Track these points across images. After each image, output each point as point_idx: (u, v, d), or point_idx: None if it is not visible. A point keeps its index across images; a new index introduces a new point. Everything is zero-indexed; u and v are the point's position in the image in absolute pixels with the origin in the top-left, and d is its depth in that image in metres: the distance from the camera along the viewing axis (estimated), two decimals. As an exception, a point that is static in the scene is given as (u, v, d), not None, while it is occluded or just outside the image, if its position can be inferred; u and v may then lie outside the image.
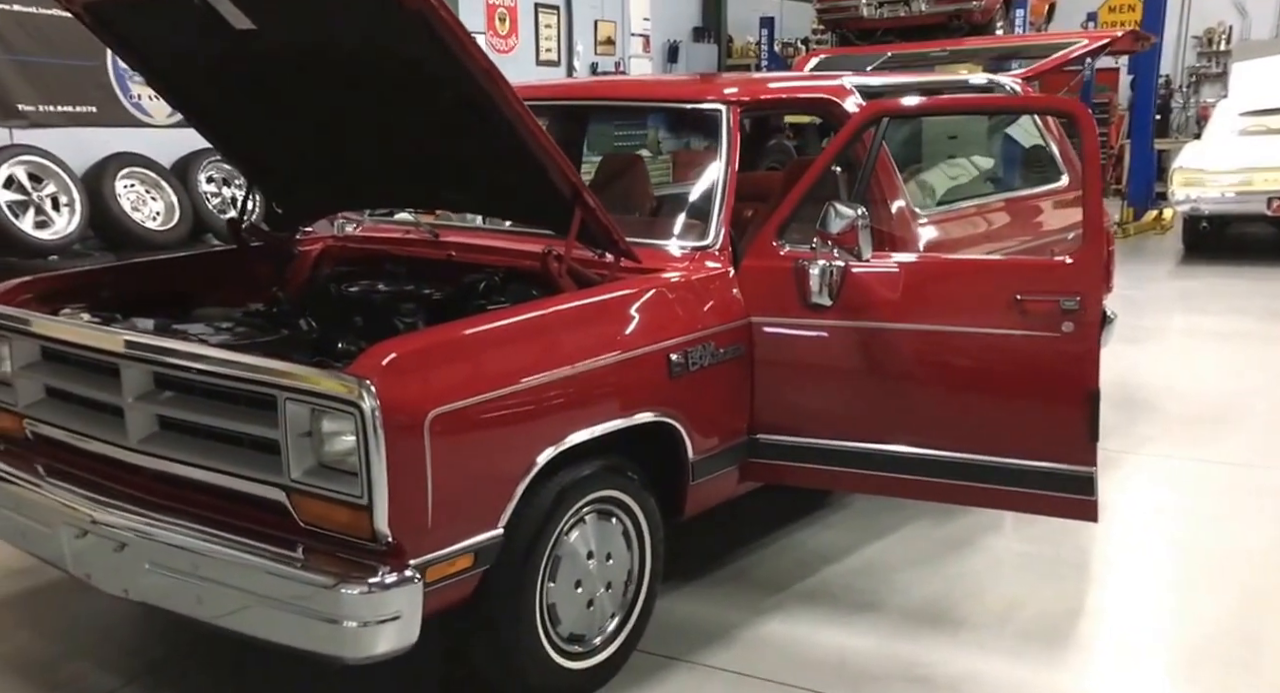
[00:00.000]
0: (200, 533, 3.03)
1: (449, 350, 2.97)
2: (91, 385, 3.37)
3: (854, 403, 3.66)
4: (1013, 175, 5.61)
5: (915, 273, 3.67)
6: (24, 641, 3.90)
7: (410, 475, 2.80)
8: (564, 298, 3.35)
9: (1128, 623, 4.01)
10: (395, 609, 2.80)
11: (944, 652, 3.76)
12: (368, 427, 2.71)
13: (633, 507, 3.48)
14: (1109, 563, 4.51)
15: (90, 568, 3.25)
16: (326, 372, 2.82)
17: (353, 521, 2.83)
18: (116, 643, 3.88)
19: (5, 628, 3.99)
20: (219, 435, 3.11)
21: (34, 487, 3.43)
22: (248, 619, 2.94)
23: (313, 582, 2.82)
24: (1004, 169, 5.71)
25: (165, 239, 8.91)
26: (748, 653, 3.73)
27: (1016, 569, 4.44)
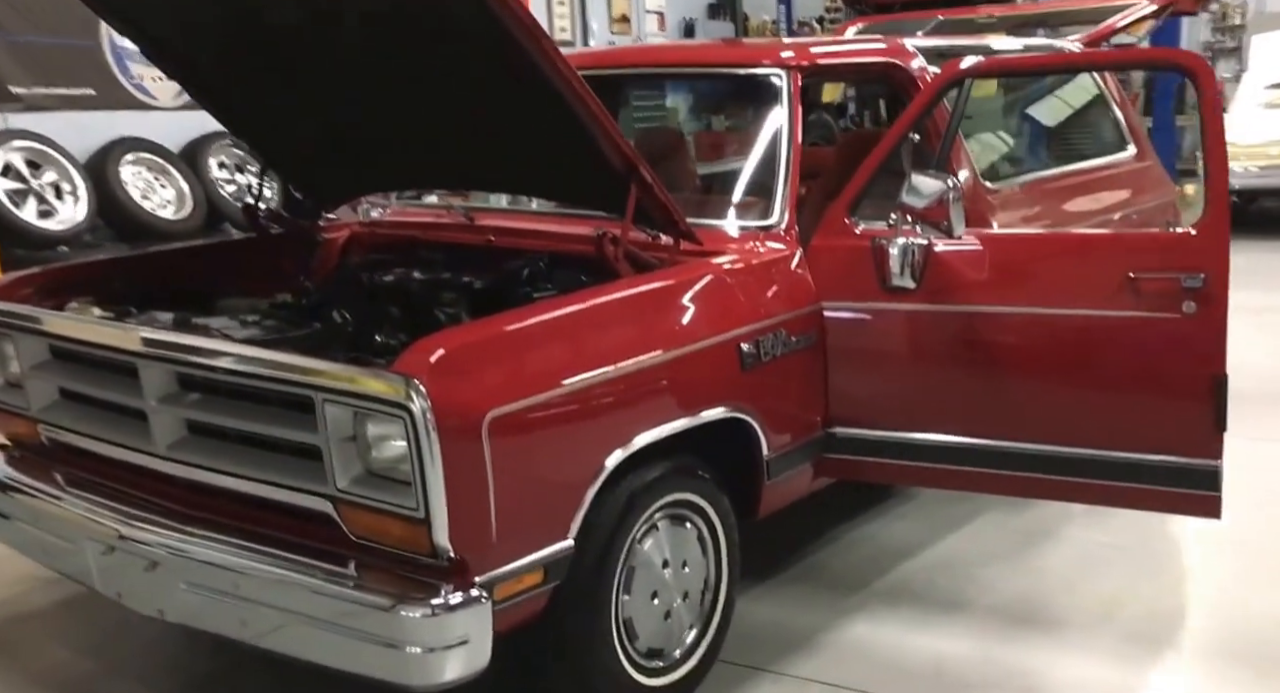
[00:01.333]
0: (241, 549, 2.76)
1: (505, 344, 2.68)
2: (109, 387, 3.09)
3: (943, 394, 3.35)
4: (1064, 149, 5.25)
5: (1009, 250, 3.34)
6: (58, 657, 3.63)
7: (470, 484, 2.51)
8: (624, 284, 3.05)
9: (1239, 623, 3.69)
10: (462, 633, 2.51)
11: (1045, 657, 3.48)
12: (419, 431, 2.42)
13: (707, 510, 3.19)
14: (1204, 556, 4.21)
15: (120, 587, 2.97)
16: (368, 370, 2.53)
17: (409, 534, 2.54)
18: (158, 658, 3.62)
19: (36, 643, 3.72)
20: (254, 440, 2.81)
21: (53, 499, 3.16)
22: (300, 643, 2.67)
23: (369, 603, 2.54)
24: (1047, 144, 5.35)
25: (179, 229, 8.60)
26: (835, 661, 3.45)
27: (1105, 563, 4.14)
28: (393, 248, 3.99)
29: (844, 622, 3.69)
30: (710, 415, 3.07)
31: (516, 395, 2.58)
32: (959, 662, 3.44)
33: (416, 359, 2.50)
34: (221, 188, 9.19)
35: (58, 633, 3.78)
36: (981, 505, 4.57)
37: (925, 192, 3.10)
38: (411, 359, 2.50)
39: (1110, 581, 3.99)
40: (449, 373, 2.50)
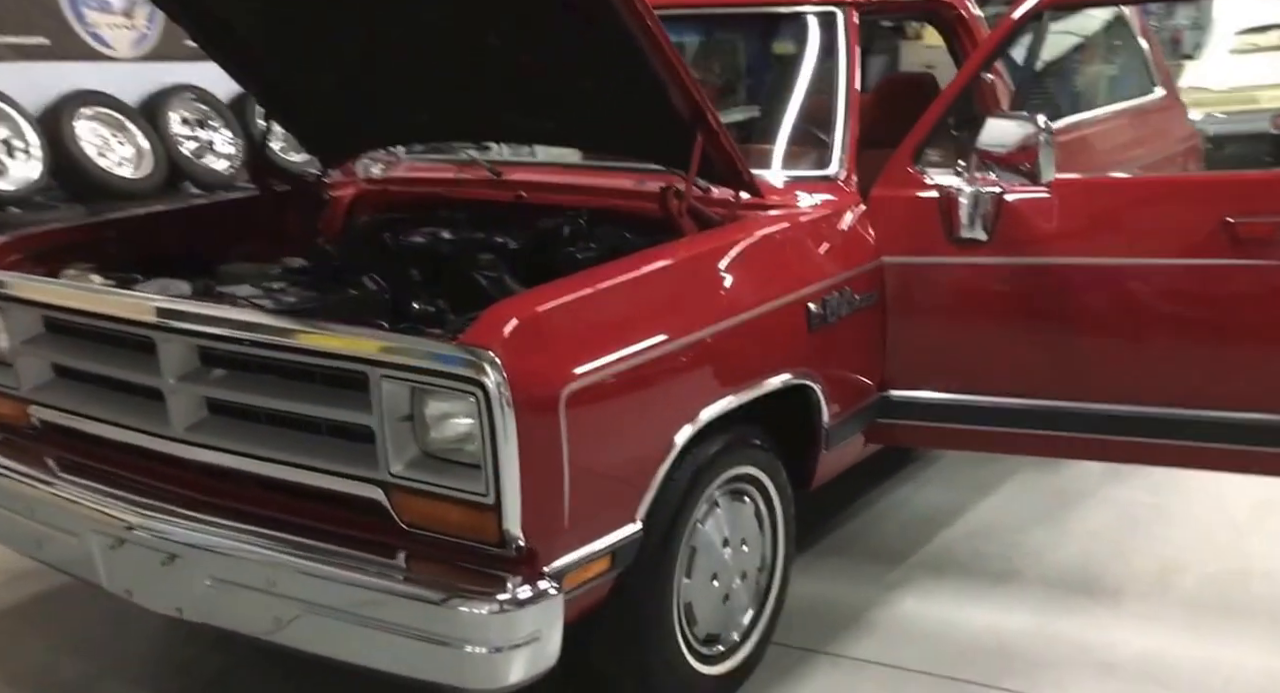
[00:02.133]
0: (276, 542, 2.48)
1: (577, 312, 2.42)
2: (115, 364, 2.79)
3: (1013, 354, 3.13)
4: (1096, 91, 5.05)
5: (1090, 197, 3.12)
6: (43, 658, 3.33)
7: (545, 466, 2.27)
8: (692, 243, 2.80)
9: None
10: (532, 630, 2.27)
11: (1113, 630, 3.31)
12: (493, 408, 2.17)
13: (765, 484, 2.96)
14: (1252, 515, 4.05)
15: (131, 584, 2.69)
16: (436, 342, 2.26)
17: (473, 522, 2.29)
18: (156, 656, 3.35)
19: (22, 642, 3.43)
20: (287, 420, 2.54)
21: (47, 486, 2.86)
22: (346, 645, 2.41)
23: (428, 599, 2.29)
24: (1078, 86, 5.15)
25: (138, 188, 8.20)
26: (892, 641, 3.25)
27: (1151, 525, 3.99)
28: (409, 206, 3.69)
29: (892, 597, 3.50)
30: (776, 383, 2.84)
31: (592, 368, 2.33)
32: (1022, 638, 3.26)
33: (489, 330, 2.24)
34: (183, 145, 8.76)
35: (40, 631, 3.48)
36: (1009, 468, 4.41)
37: (1010, 135, 2.86)
38: (483, 330, 2.24)
39: (1160, 544, 3.84)
40: (523, 345, 2.24)
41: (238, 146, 9.01)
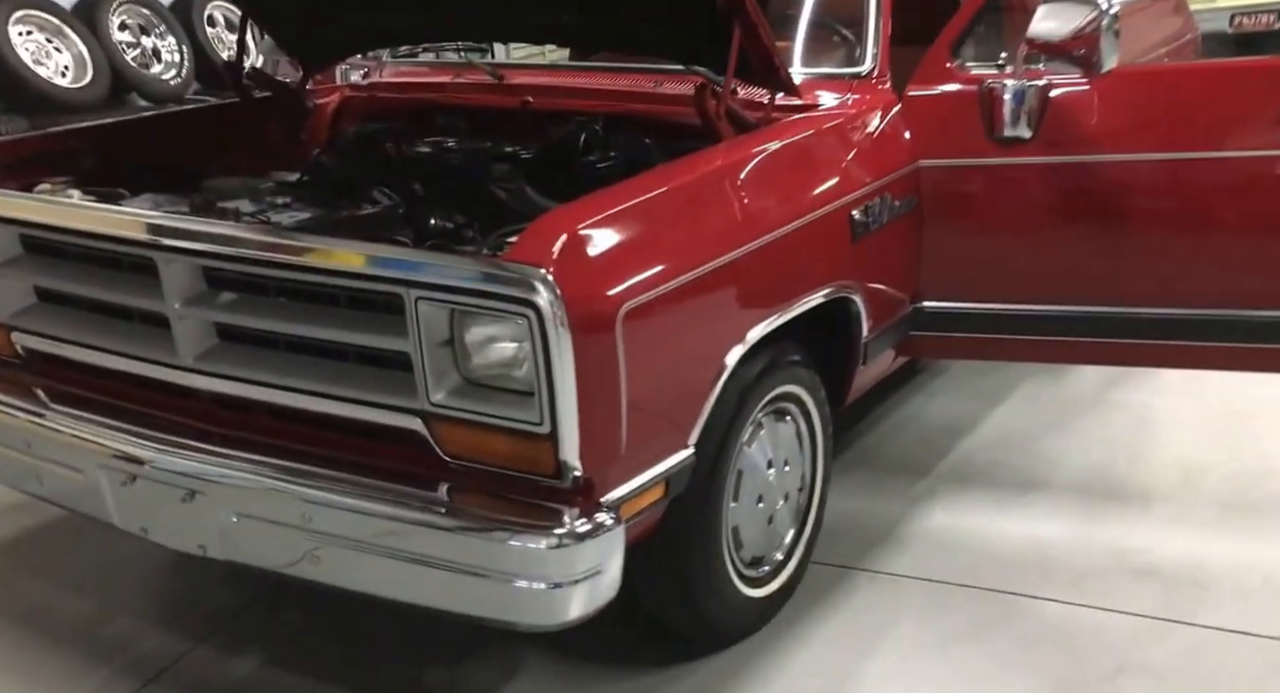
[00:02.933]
0: (309, 476, 2.32)
1: (625, 225, 2.25)
2: (111, 288, 2.58)
3: (1058, 258, 3.01)
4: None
5: (1144, 88, 2.95)
6: (42, 596, 3.17)
7: (603, 391, 2.12)
8: (733, 149, 2.62)
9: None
10: (594, 563, 2.14)
11: (1147, 534, 3.26)
12: (547, 331, 2.01)
13: (806, 402, 2.84)
14: (1266, 413, 3.99)
15: (146, 522, 2.53)
16: (484, 261, 2.09)
17: (525, 452, 2.14)
18: (167, 594, 3.18)
19: (17, 581, 3.26)
20: (309, 347, 2.36)
21: (43, 419, 2.66)
22: (391, 582, 2.27)
23: (484, 535, 2.15)
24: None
25: (80, 99, 7.78)
26: (927, 555, 3.18)
27: (1165, 427, 3.95)
28: (400, 115, 3.47)
29: (920, 511, 3.42)
30: (820, 297, 2.70)
31: (647, 284, 2.18)
32: (1057, 547, 3.20)
33: (538, 246, 2.06)
34: (125, 52, 8.33)
35: (35, 568, 3.32)
36: (1015, 376, 4.34)
37: (1067, 20, 2.69)
38: (532, 247, 2.07)
39: (1177, 446, 3.80)
40: (575, 261, 2.08)
41: (184, 54, 8.60)
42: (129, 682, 2.78)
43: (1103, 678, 2.66)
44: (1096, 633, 2.82)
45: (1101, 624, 2.85)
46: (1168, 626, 2.84)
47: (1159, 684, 2.63)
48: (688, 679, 2.68)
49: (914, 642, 2.80)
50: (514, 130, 3.19)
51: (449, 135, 3.29)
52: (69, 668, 2.84)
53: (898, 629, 2.84)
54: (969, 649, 2.76)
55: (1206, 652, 2.74)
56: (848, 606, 2.94)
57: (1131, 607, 2.91)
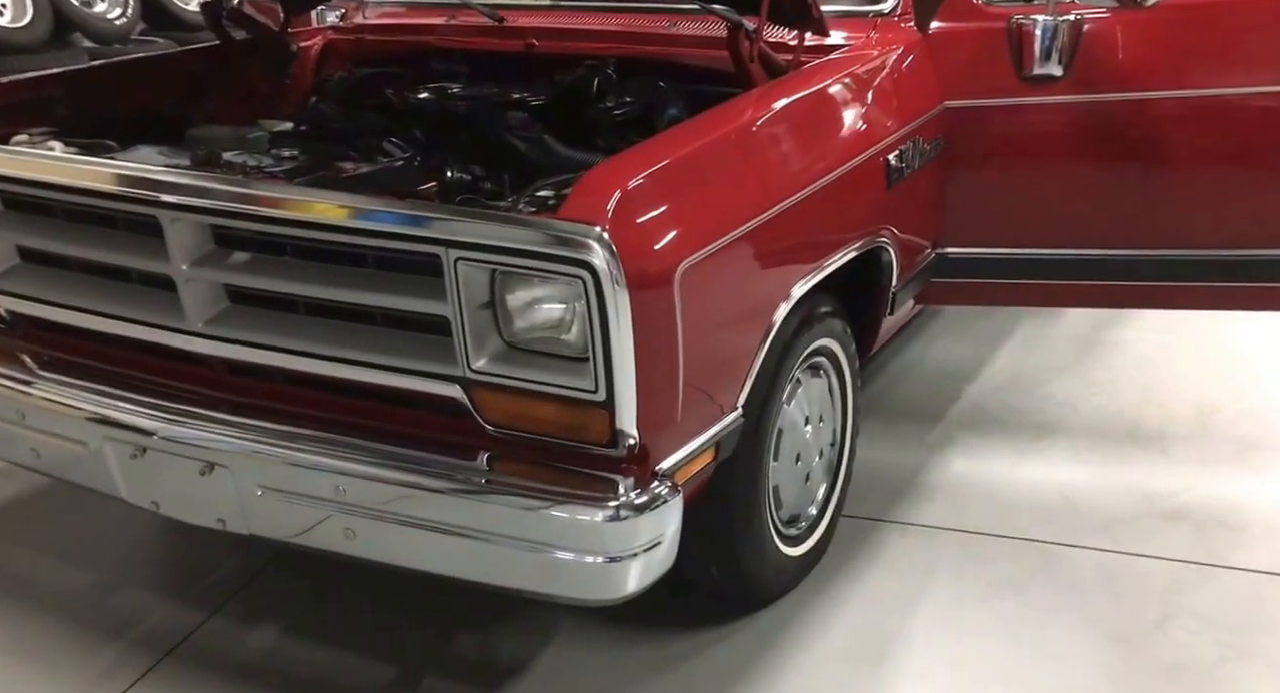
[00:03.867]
0: (342, 446, 2.20)
1: (674, 179, 2.11)
2: (104, 248, 2.42)
3: (1095, 200, 2.92)
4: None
5: (1184, 20, 2.82)
6: (39, 569, 3.04)
7: (660, 355, 2.01)
8: (769, 95, 2.49)
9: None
10: (653, 534, 2.05)
11: (1171, 476, 3.24)
12: (605, 292, 1.89)
13: (839, 355, 2.75)
14: (1265, 350, 3.99)
15: (159, 496, 2.40)
16: (535, 221, 1.95)
17: (576, 419, 2.04)
18: (168, 563, 3.07)
19: (5, 554, 3.11)
20: (330, 310, 2.22)
21: (38, 389, 2.51)
22: (435, 557, 2.17)
23: (534, 507, 2.04)
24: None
25: (20, 39, 7.43)
26: (954, 505, 3.13)
27: (1168, 366, 3.93)
28: (389, 59, 3.29)
29: (940, 459, 3.36)
30: (857, 248, 2.60)
31: (701, 241, 2.07)
32: (1083, 492, 3.17)
33: (590, 204, 1.93)
34: (66, -10, 7.95)
35: (20, 538, 3.17)
36: (1012, 319, 4.31)
37: None
38: (584, 204, 1.94)
39: (1185, 385, 3.78)
40: (630, 219, 1.95)
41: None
42: (143, 657, 2.66)
43: (1153, 625, 2.63)
44: (1138, 579, 2.79)
45: (1141, 570, 2.82)
46: (1207, 569, 2.82)
47: (1210, 629, 2.60)
48: (725, 644, 2.61)
49: (955, 595, 2.75)
50: (518, 76, 3.04)
51: (447, 81, 3.12)
52: (75, 645, 2.72)
53: (937, 583, 2.79)
54: (1012, 601, 2.72)
55: (1251, 594, 2.72)
56: (882, 560, 2.88)
57: (1167, 552, 2.88)
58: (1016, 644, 2.59)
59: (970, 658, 2.54)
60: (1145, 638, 2.59)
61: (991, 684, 2.46)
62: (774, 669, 2.52)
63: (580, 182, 1.99)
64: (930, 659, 2.55)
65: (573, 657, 2.60)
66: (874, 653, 2.57)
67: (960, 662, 2.53)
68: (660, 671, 2.54)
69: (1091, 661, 2.53)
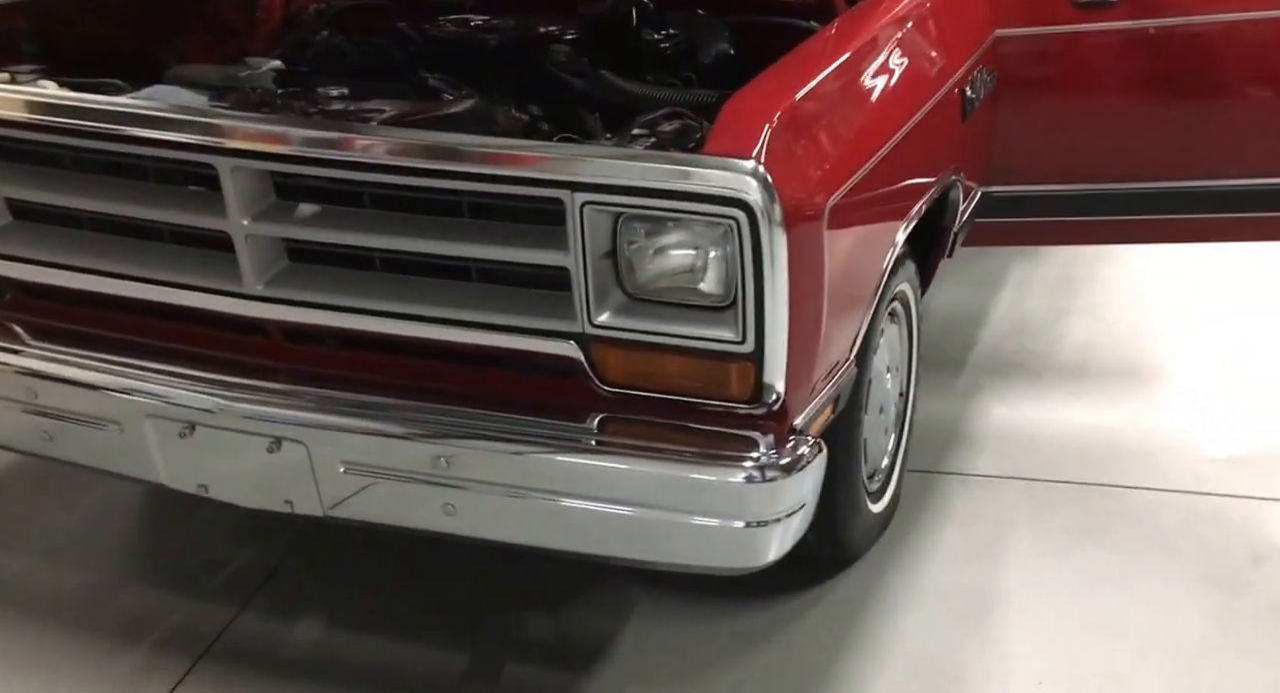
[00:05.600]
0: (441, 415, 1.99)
1: (814, 110, 1.95)
2: (135, 202, 2.14)
3: (1151, 131, 2.83)
4: None
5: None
6: (30, 569, 2.76)
7: (809, 301, 1.86)
8: (861, 23, 2.33)
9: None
10: (799, 497, 1.89)
11: (1204, 419, 3.19)
12: (762, 234, 1.72)
13: (910, 300, 2.63)
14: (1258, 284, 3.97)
15: (210, 478, 2.15)
16: (684, 158, 1.76)
17: (711, 375, 1.88)
18: (171, 555, 2.81)
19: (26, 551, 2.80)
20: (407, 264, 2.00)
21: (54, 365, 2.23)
22: (550, 530, 1.98)
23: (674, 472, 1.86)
24: None
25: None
26: (1008, 453, 3.04)
27: (1167, 304, 3.89)
28: None
29: (977, 407, 3.29)
30: (940, 186, 2.47)
31: (842, 177, 1.92)
32: (1129, 435, 3.11)
33: (741, 138, 1.75)
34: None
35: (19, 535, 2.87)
36: (1003, 259, 4.24)
37: None
38: (733, 138, 1.75)
39: (1187, 324, 3.73)
40: (782, 152, 1.78)
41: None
42: (176, 660, 2.42)
43: (1246, 566, 2.58)
44: (1213, 520, 2.74)
45: (1213, 509, 2.78)
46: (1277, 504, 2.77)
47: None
48: (816, 611, 2.49)
49: (1035, 547, 2.66)
50: (528, 6, 2.81)
51: (449, 11, 2.87)
52: (94, 651, 2.46)
53: (1013, 535, 2.71)
54: (1093, 551, 2.65)
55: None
56: (953, 513, 2.79)
57: (1232, 489, 2.84)
58: (1111, 595, 2.52)
59: (1070, 611, 2.46)
60: (1241, 579, 2.54)
61: (1104, 637, 2.38)
62: (875, 634, 2.41)
63: (722, 114, 1.81)
64: (1030, 615, 2.46)
65: (657, 634, 2.44)
66: (972, 611, 2.47)
67: (1064, 615, 2.44)
68: (755, 642, 2.41)
69: (1192, 607, 2.47)
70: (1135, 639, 2.38)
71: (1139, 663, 2.31)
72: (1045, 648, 2.36)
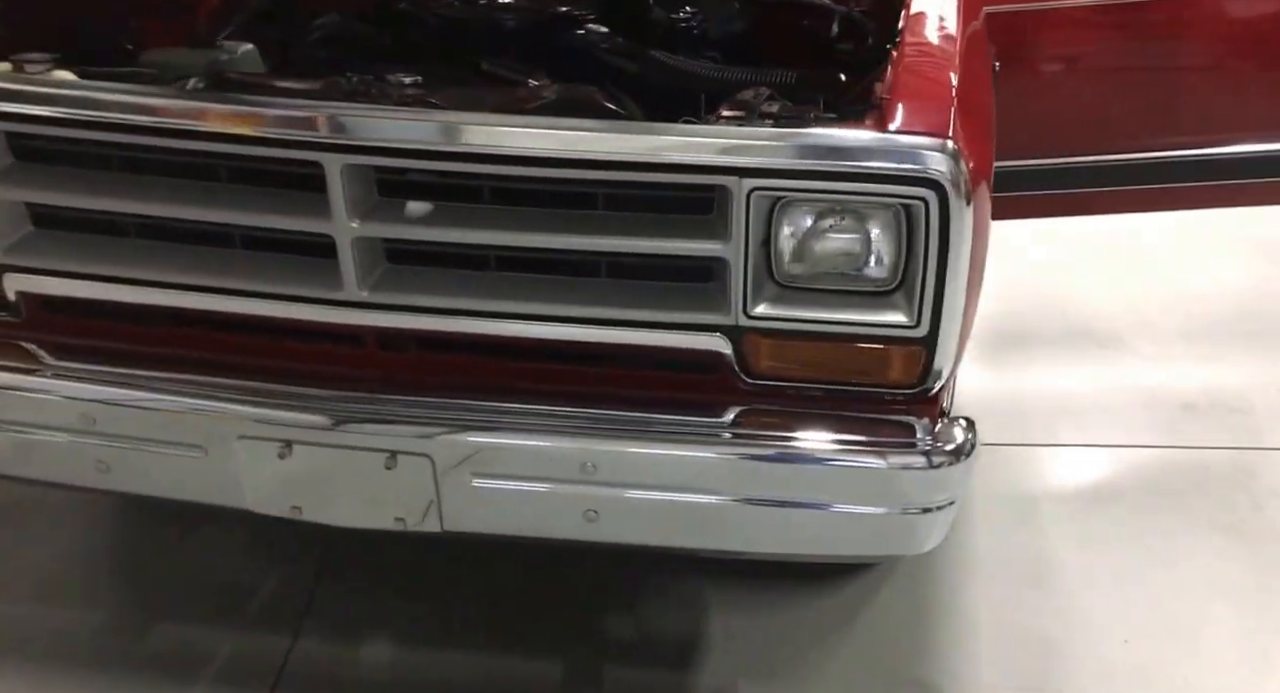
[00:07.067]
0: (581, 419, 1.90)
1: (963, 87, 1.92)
2: (207, 204, 1.96)
3: (1152, 99, 2.90)
4: None
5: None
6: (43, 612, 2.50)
7: (975, 281, 1.86)
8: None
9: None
10: (963, 481, 1.89)
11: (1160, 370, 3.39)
12: (951, 212, 1.69)
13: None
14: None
15: (306, 499, 1.99)
16: (877, 136, 1.72)
17: (876, 361, 1.85)
18: (189, 584, 2.60)
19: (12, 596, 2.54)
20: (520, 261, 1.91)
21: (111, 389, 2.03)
22: (705, 531, 1.91)
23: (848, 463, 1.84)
24: None
25: None
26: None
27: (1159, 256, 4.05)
28: None
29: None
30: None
31: (989, 153, 1.92)
32: (1099, 394, 3.26)
33: (930, 116, 1.73)
34: None
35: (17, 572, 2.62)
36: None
37: None
38: (919, 114, 1.73)
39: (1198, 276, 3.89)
40: (962, 128, 1.76)
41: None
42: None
43: (1251, 512, 2.75)
44: (1207, 471, 2.92)
45: (1203, 462, 2.96)
46: (1260, 453, 2.98)
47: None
48: (888, 587, 2.53)
49: (1060, 510, 2.80)
50: None
51: None
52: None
53: (1036, 498, 2.82)
54: (1115, 508, 2.79)
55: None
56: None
57: (1212, 441, 3.03)
58: (1145, 549, 2.64)
59: (1121, 567, 2.57)
60: (1252, 525, 2.70)
61: (1160, 590, 2.49)
62: (953, 605, 2.47)
63: (898, 88, 1.78)
64: (1082, 574, 2.55)
65: (743, 624, 2.43)
66: (1029, 575, 2.56)
67: (1117, 573, 2.56)
68: (841, 624, 2.43)
69: (1221, 556, 2.61)
70: (1187, 591, 2.50)
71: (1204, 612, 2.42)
72: (1117, 607, 2.45)
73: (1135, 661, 2.31)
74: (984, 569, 2.55)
